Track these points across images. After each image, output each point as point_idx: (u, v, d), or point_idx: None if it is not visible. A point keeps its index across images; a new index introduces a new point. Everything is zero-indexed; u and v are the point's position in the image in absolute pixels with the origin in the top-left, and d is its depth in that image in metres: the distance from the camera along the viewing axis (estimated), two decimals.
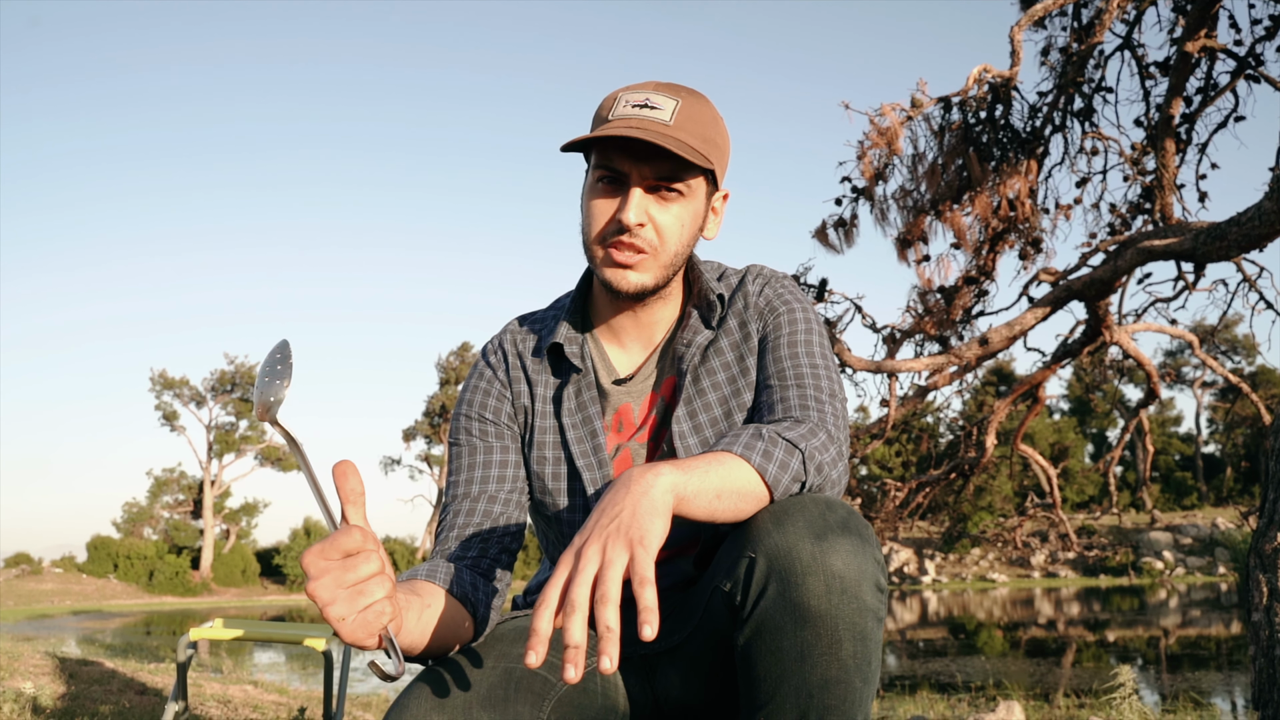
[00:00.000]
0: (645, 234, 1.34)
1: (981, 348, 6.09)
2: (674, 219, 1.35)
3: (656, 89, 1.35)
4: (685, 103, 1.34)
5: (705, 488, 1.10)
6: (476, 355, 1.54)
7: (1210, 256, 5.13)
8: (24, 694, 4.10)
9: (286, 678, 8.71)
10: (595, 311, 1.49)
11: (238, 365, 49.38)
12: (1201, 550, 36.18)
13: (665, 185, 1.33)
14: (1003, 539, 29.68)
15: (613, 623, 0.95)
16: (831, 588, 1.08)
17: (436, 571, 1.27)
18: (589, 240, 1.37)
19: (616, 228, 1.33)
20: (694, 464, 1.12)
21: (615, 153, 1.32)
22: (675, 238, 1.36)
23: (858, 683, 1.11)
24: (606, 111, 1.35)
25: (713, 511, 1.12)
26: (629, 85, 1.38)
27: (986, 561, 38.59)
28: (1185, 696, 7.10)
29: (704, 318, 1.45)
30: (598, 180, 1.35)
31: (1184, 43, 5.56)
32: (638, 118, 1.32)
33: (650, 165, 1.32)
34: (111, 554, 44.82)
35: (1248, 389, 7.62)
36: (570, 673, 0.92)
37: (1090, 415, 49.86)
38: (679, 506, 1.08)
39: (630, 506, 1.04)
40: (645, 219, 1.33)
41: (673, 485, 1.07)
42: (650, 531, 1.01)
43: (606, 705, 1.33)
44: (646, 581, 0.96)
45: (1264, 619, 2.72)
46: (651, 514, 1.03)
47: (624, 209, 1.32)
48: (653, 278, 1.37)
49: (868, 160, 6.34)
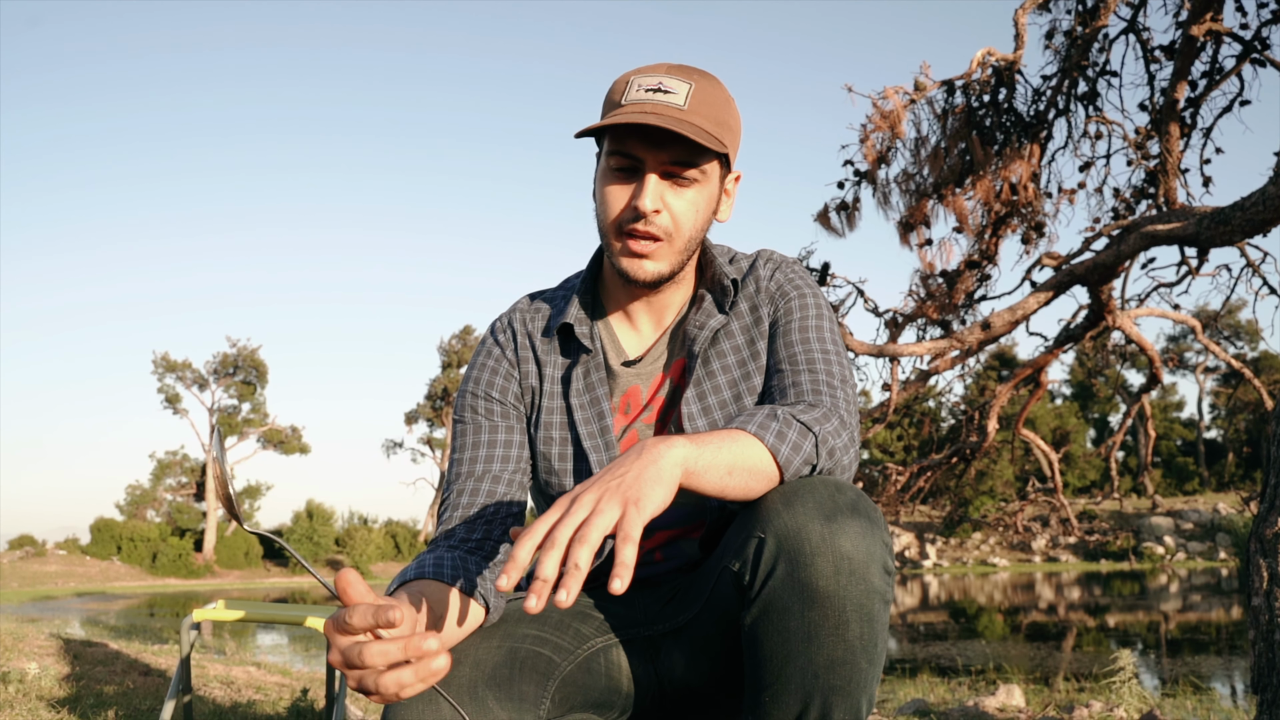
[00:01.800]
0: (661, 220, 1.33)
1: (984, 332, 6.08)
2: (689, 204, 1.35)
3: (669, 72, 1.34)
4: (699, 85, 1.33)
5: (717, 463, 1.10)
6: (483, 335, 1.53)
7: (1214, 241, 5.11)
8: (28, 674, 4.13)
9: (289, 659, 8.75)
10: (606, 292, 1.49)
11: (240, 348, 49.42)
12: (1202, 535, 36.23)
13: (680, 171, 1.32)
14: (1004, 523, 29.72)
15: (583, 563, 0.95)
16: (840, 569, 1.09)
17: (444, 570, 1.25)
18: (604, 227, 1.37)
19: (632, 214, 1.33)
20: (708, 439, 1.12)
21: (630, 138, 1.31)
22: (690, 223, 1.36)
23: (864, 664, 1.12)
24: (619, 96, 1.34)
25: (723, 488, 1.12)
26: (641, 68, 1.37)
27: (988, 546, 38.66)
28: (1185, 681, 7.13)
29: (717, 302, 1.45)
30: (612, 167, 1.34)
31: (1189, 26, 5.53)
32: (652, 102, 1.31)
33: (666, 151, 1.31)
34: (115, 536, 44.96)
35: (1250, 374, 7.61)
36: (532, 602, 0.92)
37: (1092, 400, 49.84)
38: (688, 480, 1.08)
39: (636, 470, 1.04)
40: (661, 205, 1.33)
41: (684, 458, 1.07)
42: (648, 496, 1.01)
43: (610, 685, 1.34)
44: (630, 540, 0.96)
45: (1264, 604, 2.73)
46: (655, 481, 1.03)
47: (640, 196, 1.31)
48: (669, 265, 1.37)
49: (870, 143, 6.32)
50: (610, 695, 1.34)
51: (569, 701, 1.28)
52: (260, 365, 49.92)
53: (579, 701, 1.30)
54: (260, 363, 49.90)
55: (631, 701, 1.37)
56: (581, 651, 1.32)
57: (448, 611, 1.19)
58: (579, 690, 1.29)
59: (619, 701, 1.36)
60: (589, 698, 1.31)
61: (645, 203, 1.31)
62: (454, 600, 1.21)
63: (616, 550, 0.96)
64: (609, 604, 1.42)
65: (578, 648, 1.32)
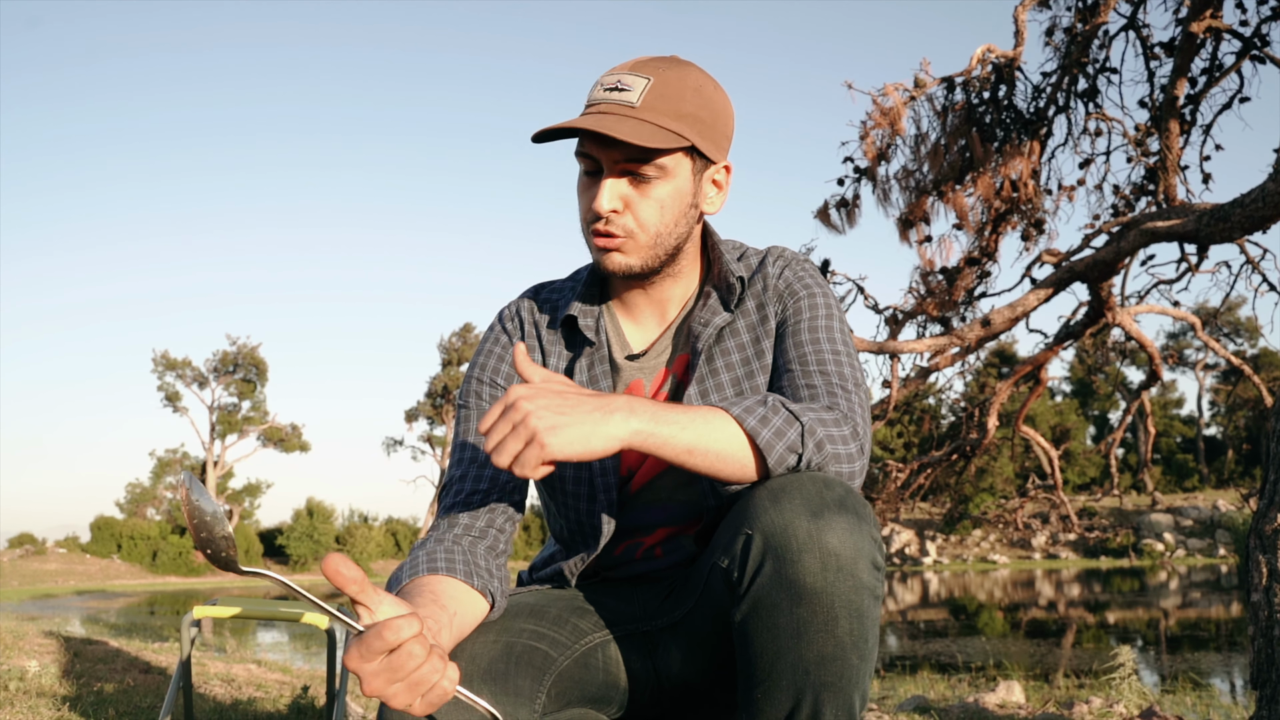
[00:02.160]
0: (621, 220, 1.34)
1: (983, 329, 6.08)
2: (653, 202, 1.34)
3: (634, 68, 1.34)
4: (659, 79, 1.32)
5: (677, 439, 1.15)
6: (491, 322, 1.53)
7: (1213, 238, 5.11)
8: (28, 672, 4.13)
9: (289, 657, 8.75)
10: (611, 286, 1.49)
11: (240, 346, 49.44)
12: (1202, 532, 36.25)
13: (635, 169, 1.32)
14: (1004, 520, 29.71)
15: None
16: (827, 565, 1.09)
17: (455, 564, 1.24)
18: (582, 227, 1.38)
19: (594, 215, 1.33)
20: (677, 416, 1.16)
21: (586, 140, 1.32)
22: (655, 220, 1.35)
23: (854, 659, 1.12)
24: (588, 96, 1.36)
25: (684, 463, 1.16)
26: (617, 65, 1.37)
27: (988, 543, 38.68)
28: (1184, 677, 7.14)
29: (723, 299, 1.44)
30: (582, 168, 1.37)
31: (1189, 23, 5.52)
32: (606, 102, 1.32)
33: (617, 150, 1.31)
34: (115, 534, 44.99)
35: (1250, 371, 7.60)
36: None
37: (1092, 397, 49.85)
38: (641, 445, 1.14)
39: (582, 412, 1.12)
40: (619, 205, 1.33)
41: (636, 429, 1.13)
42: (562, 441, 1.10)
43: (607, 681, 1.34)
44: (526, 472, 1.11)
45: (1263, 599, 2.73)
46: (585, 434, 1.11)
47: (595, 197, 1.32)
48: (639, 260, 1.37)
49: (870, 140, 6.32)
50: (607, 690, 1.34)
51: (565, 696, 1.28)
52: (260, 363, 49.94)
53: (576, 696, 1.30)
54: (260, 360, 49.93)
55: (628, 696, 1.37)
56: (579, 646, 1.32)
57: (457, 607, 1.19)
58: (576, 685, 1.29)
59: (616, 696, 1.36)
60: (586, 693, 1.31)
61: (600, 204, 1.32)
62: (462, 595, 1.21)
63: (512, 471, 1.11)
64: (607, 600, 1.42)
65: (575, 643, 1.32)
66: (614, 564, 1.46)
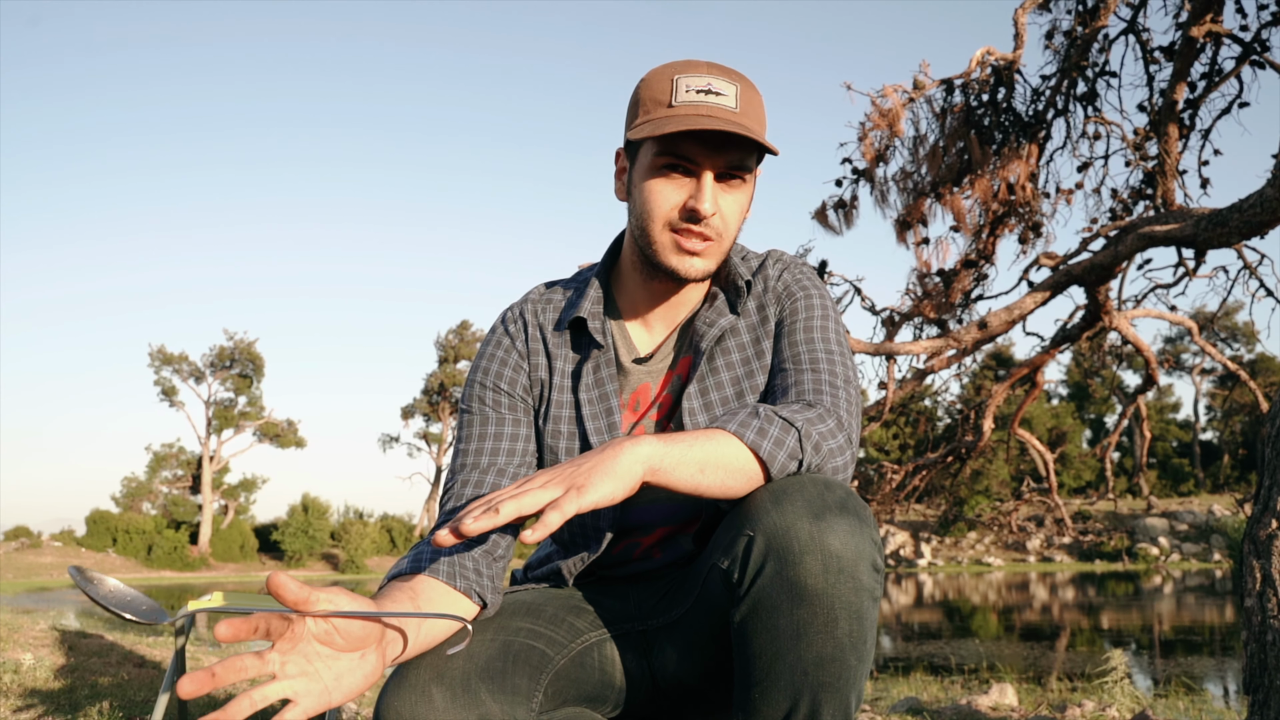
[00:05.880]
0: (715, 222, 1.34)
1: (980, 331, 6.08)
2: (737, 205, 1.36)
3: (711, 71, 1.34)
4: (743, 87, 1.34)
5: (686, 460, 1.13)
6: (493, 324, 1.52)
7: (1211, 243, 5.12)
8: (23, 665, 4.13)
9: None
10: (621, 288, 1.48)
11: (237, 341, 49.36)
12: (1197, 537, 36.28)
13: (735, 174, 1.34)
14: (999, 523, 29.74)
15: (504, 511, 1.04)
16: (829, 567, 1.09)
17: (439, 565, 1.25)
18: (651, 225, 1.35)
19: (688, 215, 1.33)
20: (680, 438, 1.15)
21: (685, 141, 1.31)
22: (736, 223, 1.38)
23: (853, 661, 1.12)
24: (666, 96, 1.32)
25: (696, 485, 1.15)
26: (677, 64, 1.35)
27: (982, 545, 38.70)
28: (1178, 681, 7.14)
29: (730, 302, 1.45)
30: (660, 165, 1.33)
31: (1189, 27, 5.53)
32: (706, 105, 1.31)
33: (723, 155, 1.31)
34: (110, 528, 44.91)
35: (1246, 376, 7.61)
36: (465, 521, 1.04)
37: (1088, 400, 49.86)
38: (655, 477, 1.12)
39: (593, 463, 1.10)
40: (716, 207, 1.33)
41: (648, 456, 1.11)
42: (595, 486, 1.07)
43: (603, 680, 1.34)
44: (560, 510, 1.04)
45: (1257, 604, 2.73)
46: (607, 475, 1.08)
47: (699, 198, 1.31)
48: (715, 262, 1.38)
49: (869, 141, 6.32)
50: (603, 689, 1.35)
51: (562, 695, 1.28)
52: (257, 358, 49.86)
53: (572, 695, 1.30)
54: (257, 356, 49.85)
55: (624, 696, 1.37)
56: (575, 645, 1.32)
57: (430, 608, 1.19)
58: (572, 684, 1.29)
59: (612, 696, 1.36)
60: (582, 691, 1.31)
61: (705, 205, 1.31)
62: (438, 595, 1.21)
63: (544, 514, 1.03)
64: (603, 599, 1.42)
65: (571, 641, 1.32)
66: (612, 563, 1.46)
